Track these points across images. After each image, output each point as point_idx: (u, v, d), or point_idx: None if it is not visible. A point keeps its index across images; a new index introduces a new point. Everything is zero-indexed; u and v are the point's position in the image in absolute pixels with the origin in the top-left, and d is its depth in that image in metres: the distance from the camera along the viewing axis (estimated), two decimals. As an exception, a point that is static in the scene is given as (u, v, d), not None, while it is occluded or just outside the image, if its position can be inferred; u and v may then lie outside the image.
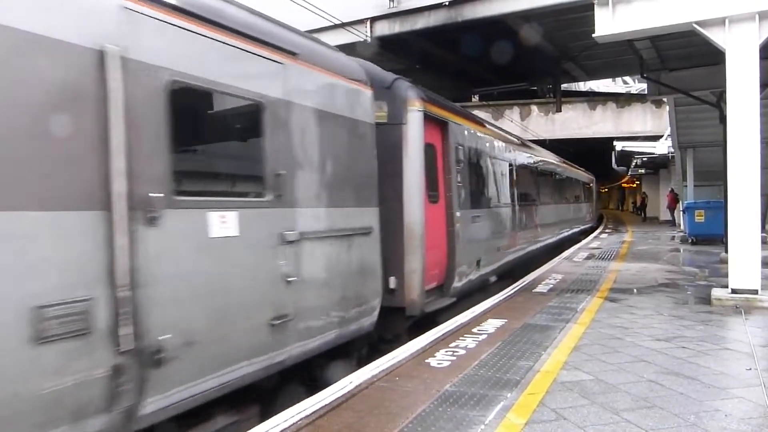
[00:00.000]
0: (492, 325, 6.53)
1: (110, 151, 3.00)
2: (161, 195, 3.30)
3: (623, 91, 31.81)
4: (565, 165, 20.76)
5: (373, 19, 12.43)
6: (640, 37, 9.65)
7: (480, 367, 4.91)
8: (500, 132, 12.17)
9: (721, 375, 4.61)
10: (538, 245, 14.27)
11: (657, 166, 31.38)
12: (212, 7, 3.89)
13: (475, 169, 9.17)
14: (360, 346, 5.89)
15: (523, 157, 13.27)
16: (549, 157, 17.63)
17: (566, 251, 15.85)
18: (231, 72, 3.95)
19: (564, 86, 19.49)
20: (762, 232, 7.52)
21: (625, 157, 31.41)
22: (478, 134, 9.57)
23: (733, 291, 7.46)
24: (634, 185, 46.03)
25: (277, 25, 4.70)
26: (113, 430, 3.02)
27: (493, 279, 9.78)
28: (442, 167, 7.74)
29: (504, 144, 11.56)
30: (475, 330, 6.27)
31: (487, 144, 10.07)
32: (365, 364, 5.16)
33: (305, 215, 4.63)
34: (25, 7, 2.76)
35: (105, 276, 2.96)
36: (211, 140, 4.35)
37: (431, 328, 6.41)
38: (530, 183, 14.02)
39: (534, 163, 14.73)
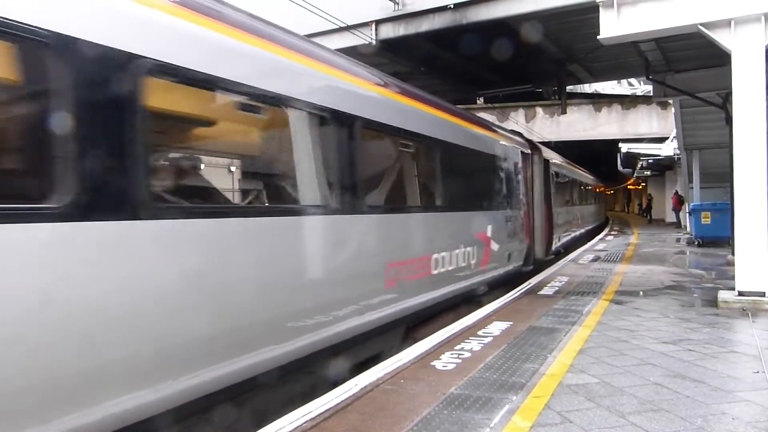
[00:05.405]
0: (497, 327, 6.51)
1: None
2: None
3: (628, 92, 31.73)
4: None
5: (378, 22, 12.47)
6: (645, 38, 9.62)
7: (485, 369, 4.89)
8: None
9: (728, 378, 4.59)
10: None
11: (663, 167, 31.27)
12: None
13: None
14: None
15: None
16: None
17: (572, 253, 15.77)
18: None
19: (569, 88, 19.44)
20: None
21: (631, 158, 31.33)
22: None
23: (740, 293, 7.42)
24: (640, 187, 45.91)
25: None
26: None
27: None
28: None
29: None
30: (480, 332, 6.26)
31: None
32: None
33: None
34: None
35: None
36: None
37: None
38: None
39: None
